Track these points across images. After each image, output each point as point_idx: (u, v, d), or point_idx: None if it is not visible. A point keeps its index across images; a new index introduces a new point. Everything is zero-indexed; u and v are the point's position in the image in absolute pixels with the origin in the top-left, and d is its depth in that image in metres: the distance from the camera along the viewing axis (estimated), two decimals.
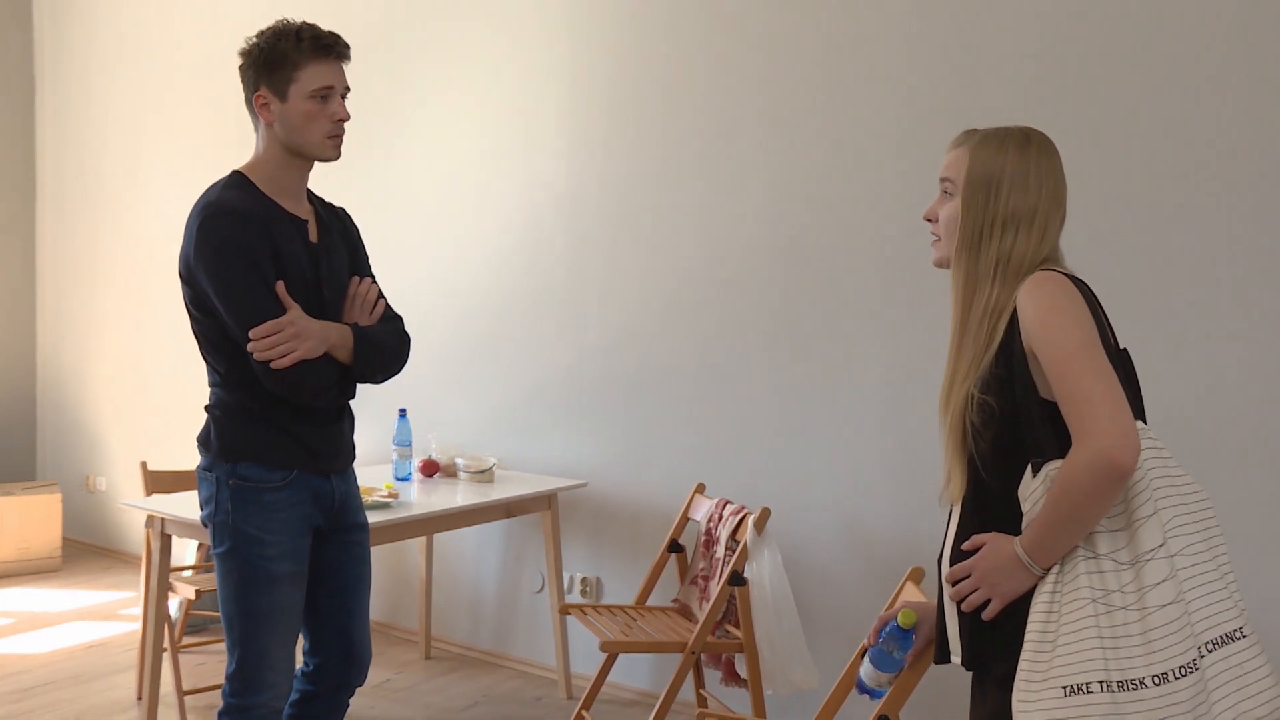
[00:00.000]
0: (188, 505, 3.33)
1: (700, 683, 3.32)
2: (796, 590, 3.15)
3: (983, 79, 3.07)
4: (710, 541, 3.29)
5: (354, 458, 2.38)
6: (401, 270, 4.15)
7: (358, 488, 2.39)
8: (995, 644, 1.61)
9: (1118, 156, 2.87)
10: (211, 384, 2.26)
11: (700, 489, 3.46)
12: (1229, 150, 2.72)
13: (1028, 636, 1.53)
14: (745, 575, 3.04)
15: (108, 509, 5.59)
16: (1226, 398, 2.73)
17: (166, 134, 5.23)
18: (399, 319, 2.38)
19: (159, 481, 3.63)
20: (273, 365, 2.09)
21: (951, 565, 1.66)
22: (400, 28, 4.26)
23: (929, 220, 1.78)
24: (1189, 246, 2.78)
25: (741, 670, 3.15)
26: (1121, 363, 1.61)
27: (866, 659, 2.02)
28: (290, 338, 2.10)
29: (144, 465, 3.62)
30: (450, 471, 3.86)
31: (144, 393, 5.38)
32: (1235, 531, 2.27)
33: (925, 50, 3.16)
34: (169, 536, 3.31)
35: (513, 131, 4.03)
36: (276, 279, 2.14)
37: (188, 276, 2.18)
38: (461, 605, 4.22)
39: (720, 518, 3.28)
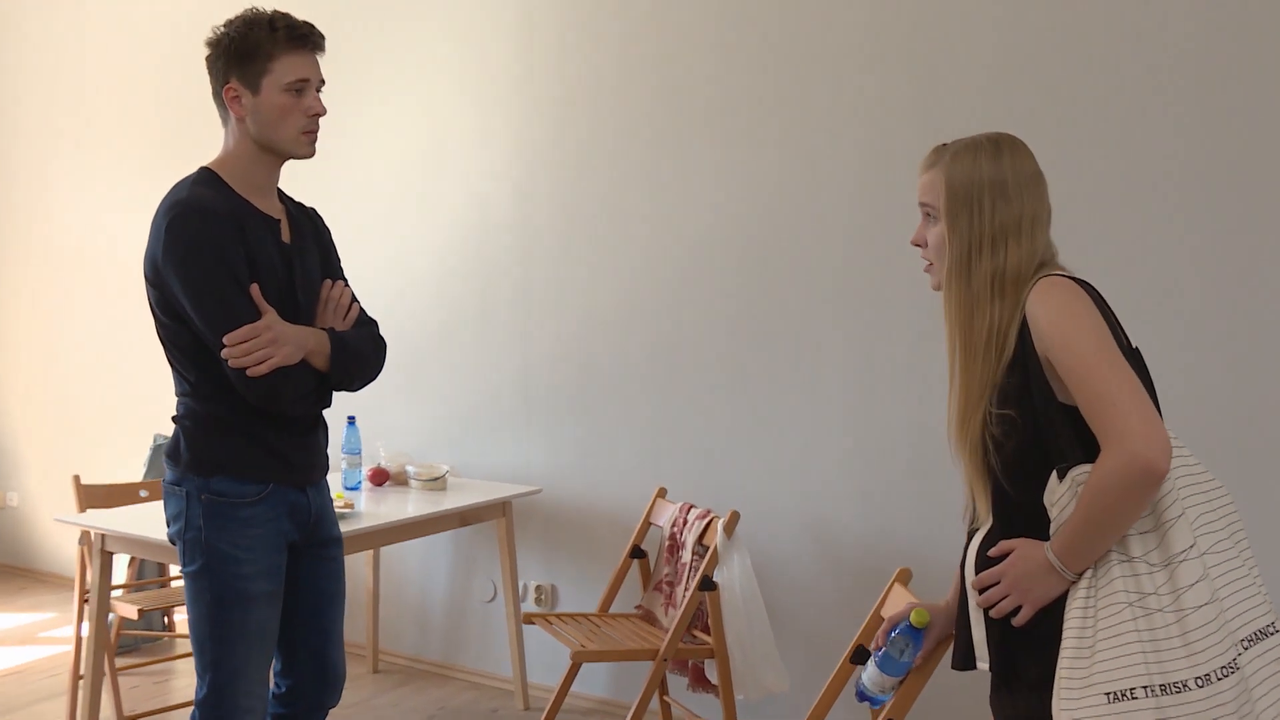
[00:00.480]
0: (127, 520, 3.18)
1: (664, 689, 3.28)
2: (762, 593, 3.12)
3: (937, 75, 3.09)
4: (675, 547, 3.25)
5: (328, 469, 2.28)
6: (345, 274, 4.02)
7: (332, 500, 2.29)
8: (1026, 648, 1.60)
9: (1073, 161, 2.91)
10: (180, 393, 2.13)
11: (662, 493, 3.42)
12: (1182, 156, 2.78)
13: (1065, 641, 1.52)
14: (715, 580, 3.01)
15: (20, 526, 5.32)
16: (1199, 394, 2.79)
17: (79, 141, 5.00)
18: (374, 324, 2.29)
19: (93, 496, 3.45)
20: (249, 373, 1.98)
21: (978, 572, 1.64)
22: (344, 27, 4.13)
23: (917, 245, 1.76)
24: (1143, 248, 2.83)
25: (711, 675, 3.11)
26: (1135, 362, 1.61)
27: (871, 664, 2.00)
28: (267, 343, 1.99)
29: (77, 479, 3.44)
30: (400, 480, 3.75)
31: (59, 406, 5.13)
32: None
33: (879, 49, 3.17)
34: (109, 554, 3.15)
35: (460, 133, 3.94)
36: (250, 281, 2.03)
37: (155, 279, 2.05)
38: (409, 616, 4.11)
39: (685, 522, 3.24)
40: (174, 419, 2.14)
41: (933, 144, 3.12)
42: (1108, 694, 1.46)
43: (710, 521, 3.14)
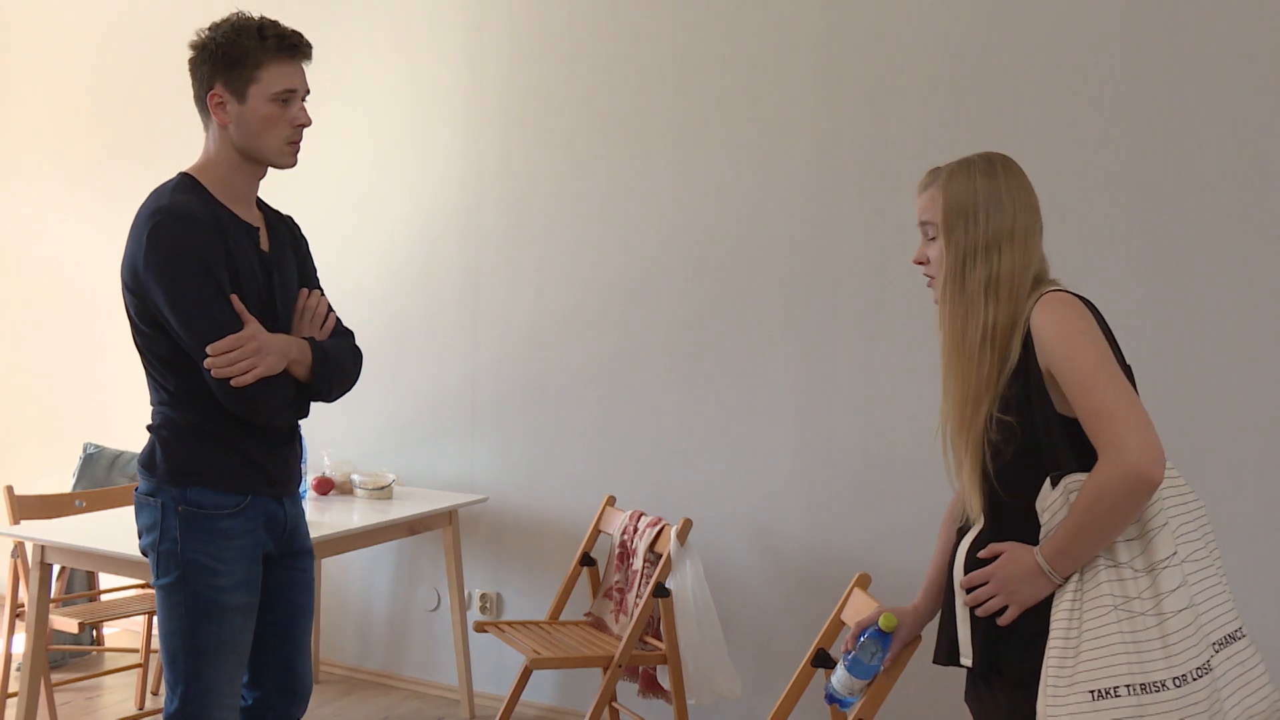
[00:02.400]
0: (65, 531, 3.11)
1: (613, 696, 3.32)
2: (713, 599, 3.18)
3: (884, 87, 3.19)
4: (626, 554, 3.29)
5: (301, 480, 2.27)
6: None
7: (304, 511, 2.28)
8: (1011, 648, 1.68)
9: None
10: (157, 402, 2.10)
11: (611, 501, 3.46)
12: (1119, 167, 2.93)
13: (1051, 642, 1.61)
14: (669, 586, 3.06)
15: None
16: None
17: (8, 143, 4.84)
18: (350, 334, 2.29)
19: (26, 507, 3.36)
20: (233, 383, 1.97)
21: (967, 572, 1.73)
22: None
23: (920, 263, 1.84)
24: (1084, 267, 2.97)
25: (663, 681, 3.16)
26: (1129, 378, 1.70)
27: (840, 667, 2.07)
28: (251, 353, 1.98)
29: (9, 490, 3.35)
30: (345, 489, 3.72)
31: None
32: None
33: (827, 61, 3.26)
34: (48, 566, 3.08)
35: (406, 141, 3.93)
36: (232, 290, 2.02)
37: (135, 286, 2.02)
38: (350, 626, 4.07)
39: (636, 530, 3.29)
40: (149, 428, 2.11)
41: (881, 157, 3.26)
42: (1092, 692, 1.55)
43: (662, 529, 3.19)
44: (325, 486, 3.69)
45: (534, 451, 3.73)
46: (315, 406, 2.10)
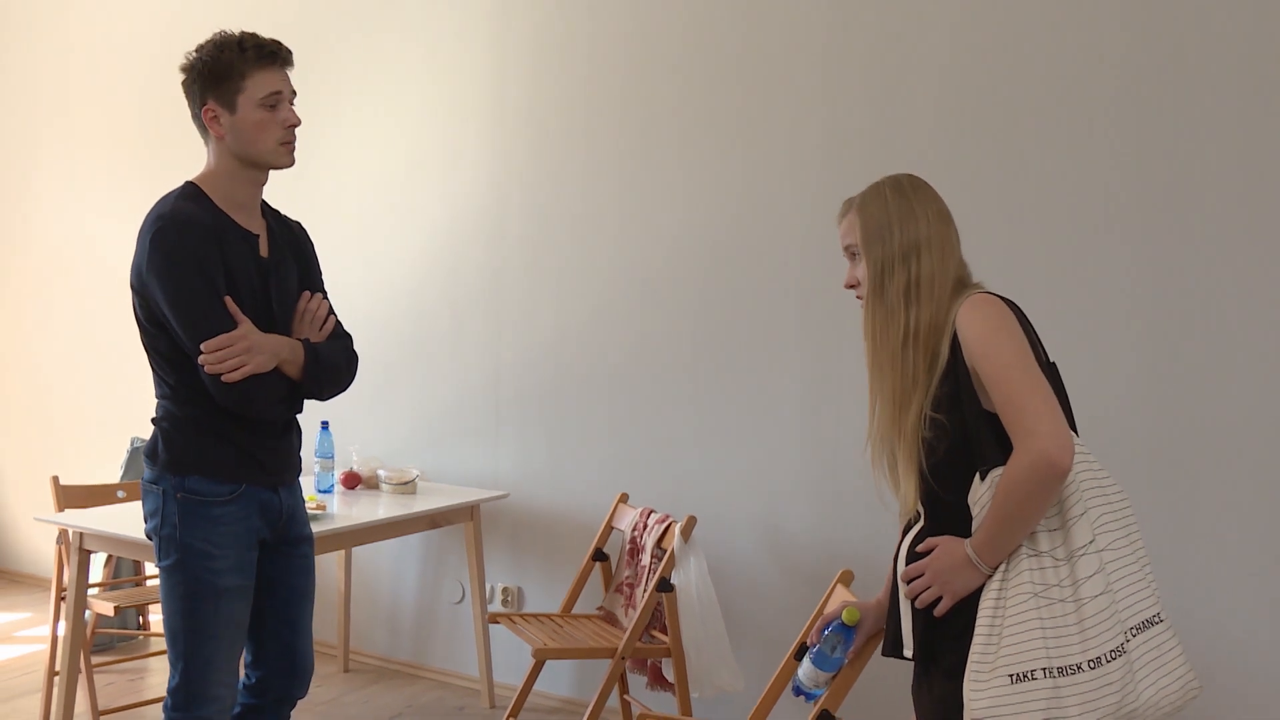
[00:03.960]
0: (104, 519, 3.28)
1: (625, 688, 3.40)
2: (719, 596, 3.25)
3: (893, 93, 3.23)
4: (636, 550, 3.37)
5: (300, 470, 2.39)
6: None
7: (303, 500, 2.41)
8: (944, 637, 1.75)
9: (1016, 182, 3.06)
10: (160, 396, 2.25)
11: (624, 499, 3.54)
12: (1123, 171, 2.93)
13: (977, 629, 1.67)
14: (673, 582, 3.13)
15: None
16: (1121, 403, 2.93)
17: (60, 147, 5.09)
18: (348, 337, 2.40)
19: (72, 496, 3.54)
20: (223, 379, 2.10)
21: (906, 566, 1.78)
22: (314, 39, 4.25)
23: (850, 287, 1.93)
24: (1083, 267, 2.98)
25: (668, 674, 3.23)
26: (1052, 375, 1.76)
27: (806, 660, 2.12)
28: (242, 351, 2.11)
29: (55, 480, 3.53)
30: (372, 483, 3.86)
31: (37, 409, 5.21)
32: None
33: (837, 69, 3.31)
34: (88, 553, 3.25)
35: (432, 145, 4.06)
36: (228, 293, 2.15)
37: (139, 288, 2.17)
38: (380, 617, 4.21)
39: (645, 526, 3.36)
40: (153, 420, 2.26)
41: (890, 162, 3.29)
42: (1010, 675, 1.61)
43: (669, 526, 3.26)
44: (353, 481, 3.83)
45: (554, 449, 3.83)
46: (345, 404, 2.21)
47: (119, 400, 4.83)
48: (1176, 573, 2.81)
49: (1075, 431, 1.77)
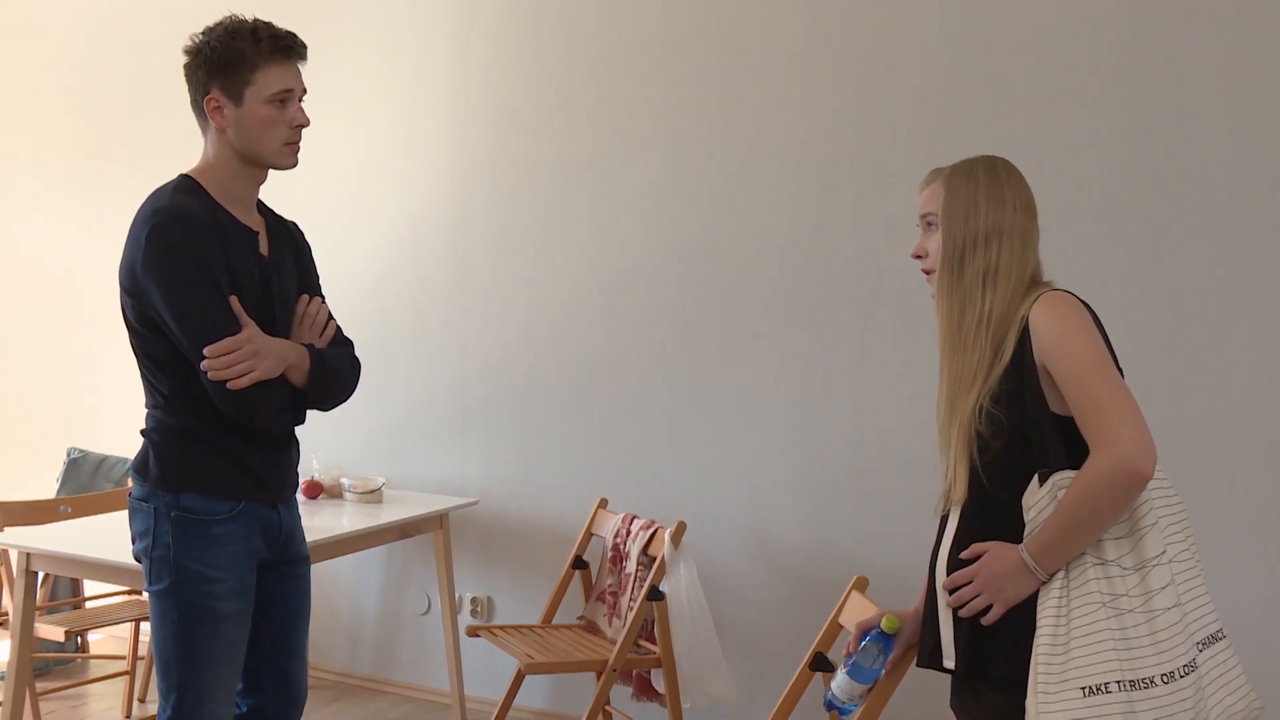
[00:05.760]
0: (52, 538, 3.07)
1: (606, 699, 3.30)
2: (706, 602, 3.17)
3: (873, 93, 3.19)
4: (619, 557, 3.28)
5: (297, 486, 2.25)
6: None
7: (300, 518, 2.26)
8: (995, 648, 1.67)
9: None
10: (151, 406, 2.07)
11: (603, 504, 3.44)
12: (1110, 167, 2.93)
13: (1039, 640, 1.60)
14: (663, 589, 3.04)
15: None
16: None
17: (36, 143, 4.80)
18: (350, 344, 2.26)
19: (11, 514, 3.31)
20: (229, 385, 1.94)
21: (949, 573, 1.72)
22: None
23: (918, 257, 1.85)
24: (1074, 261, 2.97)
25: (658, 685, 3.15)
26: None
27: (841, 672, 2.04)
28: (249, 355, 1.95)
29: None
30: (335, 493, 3.69)
31: None
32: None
33: (817, 66, 3.26)
34: (34, 574, 3.04)
35: (394, 143, 3.90)
36: (230, 292, 1.99)
37: (132, 288, 2.00)
38: (339, 630, 4.04)
39: (629, 533, 3.27)
40: (143, 432, 2.08)
41: (871, 158, 3.26)
42: (1083, 688, 1.55)
43: (655, 532, 3.17)
44: (314, 490, 3.66)
45: (524, 454, 3.71)
46: (307, 412, 2.09)
47: (52, 409, 4.55)
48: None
49: None
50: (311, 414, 2.15)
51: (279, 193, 4.02)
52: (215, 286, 1.96)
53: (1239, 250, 2.81)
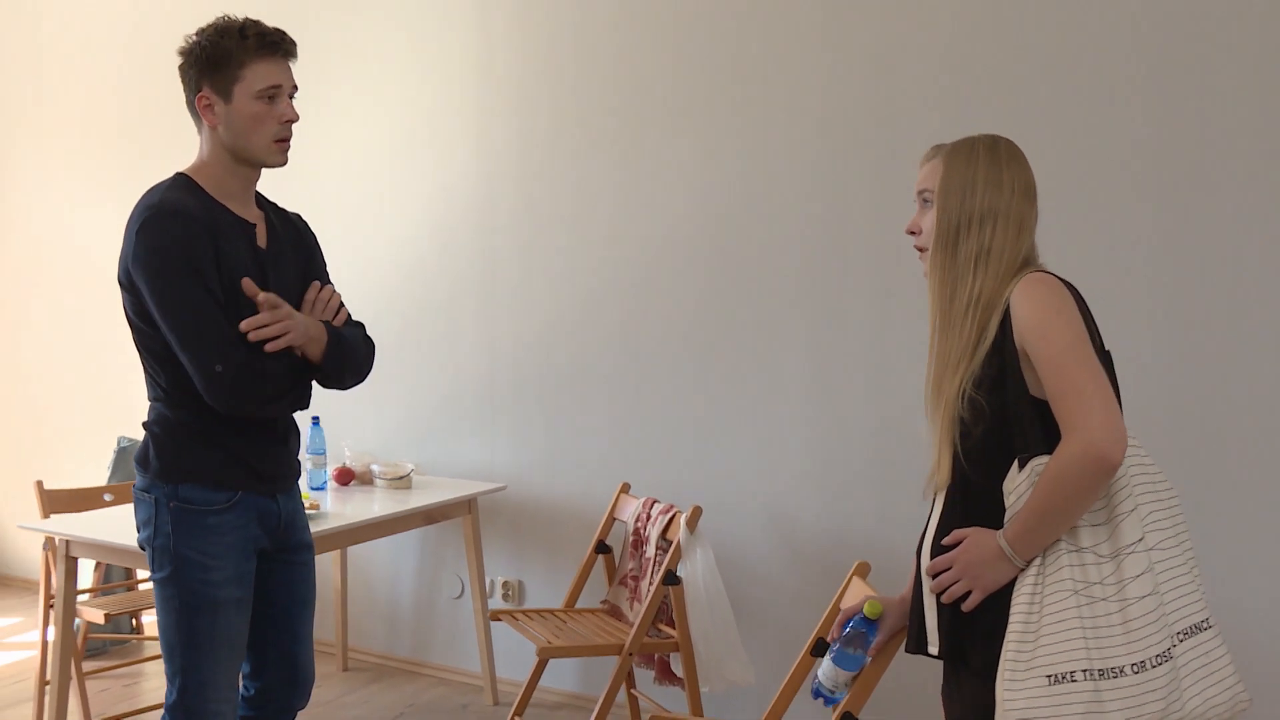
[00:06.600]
0: (92, 525, 3.18)
1: (631, 683, 3.33)
2: (726, 587, 3.18)
3: (896, 75, 3.14)
4: (639, 541, 3.30)
5: (299, 475, 2.30)
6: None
7: (303, 506, 2.32)
8: (974, 635, 1.66)
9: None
10: (152, 399, 2.15)
11: (625, 489, 3.46)
12: (1132, 158, 2.85)
13: (1010, 627, 1.59)
14: (679, 574, 3.05)
15: None
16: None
17: (39, 136, 4.95)
18: (362, 325, 2.31)
19: (57, 501, 3.44)
20: (267, 348, 2.03)
21: (932, 558, 1.70)
22: (295, 26, 4.12)
23: (912, 233, 1.82)
24: (1099, 245, 2.90)
25: (677, 669, 3.17)
26: (1105, 363, 1.67)
27: (826, 660, 2.03)
28: (285, 317, 2.04)
29: (39, 485, 3.43)
30: (365, 479, 3.77)
31: (21, 409, 5.09)
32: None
33: (839, 49, 3.22)
34: (74, 559, 3.16)
35: (421, 131, 3.95)
36: (220, 286, 2.04)
37: (128, 283, 2.07)
38: (378, 614, 4.13)
39: (649, 517, 3.29)
40: (145, 425, 2.16)
41: (892, 142, 3.21)
42: (1049, 676, 1.53)
43: (673, 516, 3.19)
44: (346, 477, 3.74)
45: (552, 440, 3.75)
46: (335, 397, 2.14)
47: (105, 399, 4.71)
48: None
49: None
50: (342, 402, 2.19)
51: (308, 186, 4.11)
52: (201, 281, 2.01)
53: (1271, 242, 2.72)
